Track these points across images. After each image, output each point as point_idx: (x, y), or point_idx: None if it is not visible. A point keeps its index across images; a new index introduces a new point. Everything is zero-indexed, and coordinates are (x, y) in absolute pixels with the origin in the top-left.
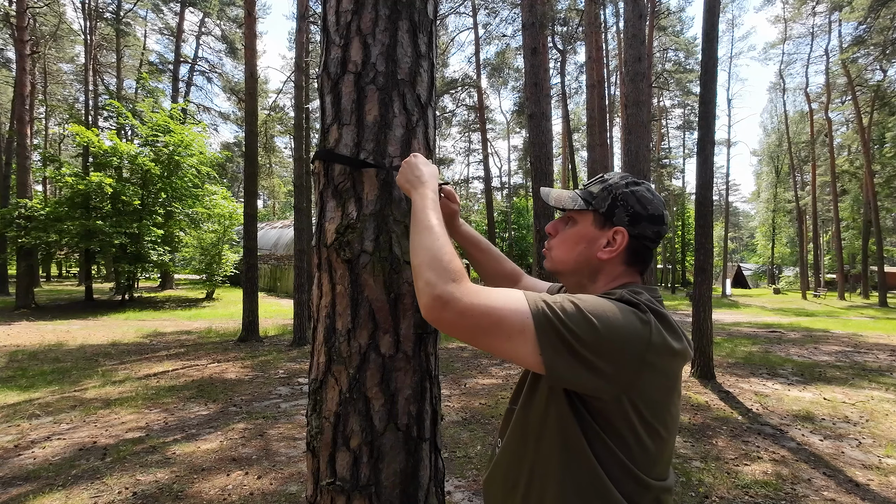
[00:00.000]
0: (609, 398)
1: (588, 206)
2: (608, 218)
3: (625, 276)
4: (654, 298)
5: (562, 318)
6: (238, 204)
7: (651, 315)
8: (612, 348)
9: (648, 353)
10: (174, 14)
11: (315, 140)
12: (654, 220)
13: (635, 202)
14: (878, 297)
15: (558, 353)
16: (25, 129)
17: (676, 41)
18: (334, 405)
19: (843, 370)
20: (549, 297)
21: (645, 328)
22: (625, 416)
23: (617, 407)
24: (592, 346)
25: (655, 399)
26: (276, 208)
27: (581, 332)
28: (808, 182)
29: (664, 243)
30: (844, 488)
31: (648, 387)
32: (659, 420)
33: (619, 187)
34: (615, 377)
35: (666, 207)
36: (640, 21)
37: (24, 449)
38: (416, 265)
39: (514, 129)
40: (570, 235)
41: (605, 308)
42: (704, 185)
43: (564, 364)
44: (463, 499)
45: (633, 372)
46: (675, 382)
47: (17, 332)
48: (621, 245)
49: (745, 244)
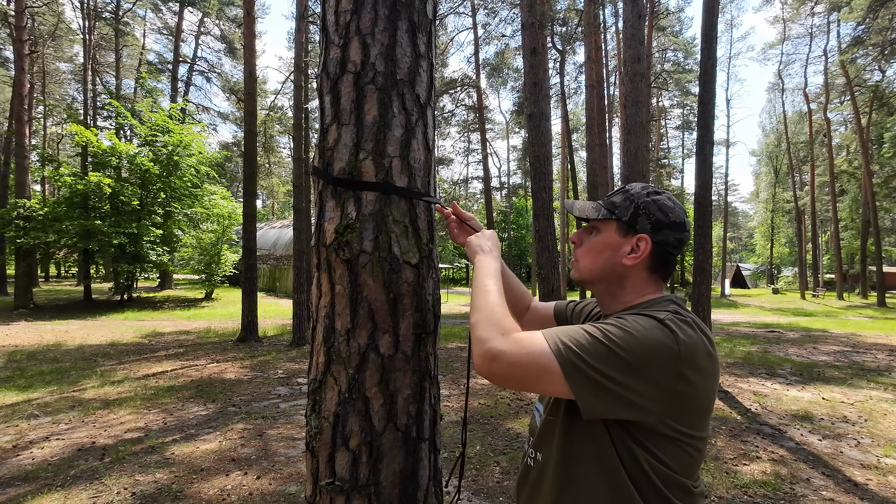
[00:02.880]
0: (653, 421)
1: (611, 215)
2: (631, 226)
3: (650, 282)
4: (686, 311)
5: (585, 358)
6: (237, 204)
7: (681, 334)
8: (644, 375)
9: (681, 366)
10: (173, 14)
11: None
12: (676, 227)
13: (657, 210)
14: (877, 297)
15: (590, 394)
16: (24, 128)
17: (675, 41)
18: (333, 405)
19: (841, 370)
20: (566, 333)
21: (672, 343)
22: (671, 431)
23: (663, 425)
24: (623, 380)
25: (696, 408)
26: (276, 208)
27: (609, 370)
28: (806, 182)
29: None
30: (843, 488)
31: (688, 399)
32: (699, 427)
33: (641, 196)
34: (652, 402)
35: (687, 215)
36: (639, 21)
37: (23, 449)
38: (472, 323)
39: (513, 129)
40: (596, 244)
41: (633, 327)
42: (703, 185)
43: (598, 402)
44: (462, 499)
45: (670, 391)
46: (714, 385)
47: (15, 333)
48: (645, 251)
49: (743, 244)
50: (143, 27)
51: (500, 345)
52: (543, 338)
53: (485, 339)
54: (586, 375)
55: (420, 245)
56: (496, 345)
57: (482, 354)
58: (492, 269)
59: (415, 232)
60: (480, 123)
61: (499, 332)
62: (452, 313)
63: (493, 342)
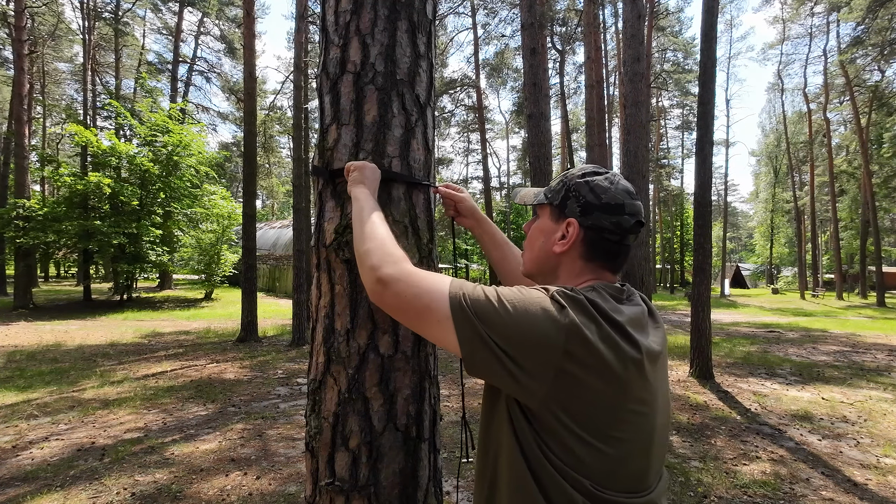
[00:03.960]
0: (534, 407)
1: (546, 199)
2: (561, 210)
3: (586, 271)
4: (601, 298)
5: (478, 304)
6: (237, 204)
7: (575, 317)
8: (525, 344)
9: (565, 360)
10: (173, 14)
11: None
12: (610, 209)
13: (588, 192)
14: (876, 297)
15: (473, 345)
16: (23, 128)
17: (675, 41)
18: (333, 405)
19: (841, 370)
20: (470, 284)
21: (560, 333)
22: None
23: (550, 414)
24: (504, 336)
25: (585, 411)
26: (275, 208)
27: (492, 321)
28: (806, 182)
29: (663, 243)
30: (843, 488)
31: (572, 398)
32: (593, 433)
33: (574, 178)
34: (532, 380)
35: (633, 197)
36: (638, 21)
37: (22, 449)
38: (359, 253)
39: (512, 130)
40: (532, 231)
41: (525, 300)
42: (703, 185)
43: (479, 357)
44: (462, 499)
45: (549, 379)
46: (617, 392)
47: (15, 333)
48: (573, 237)
49: (743, 244)
50: (142, 27)
51: (391, 271)
52: (448, 281)
53: (377, 265)
54: (471, 322)
55: (420, 245)
56: (388, 271)
57: (375, 280)
58: (373, 204)
59: (415, 232)
60: (480, 123)
61: (392, 260)
62: None
63: (384, 269)
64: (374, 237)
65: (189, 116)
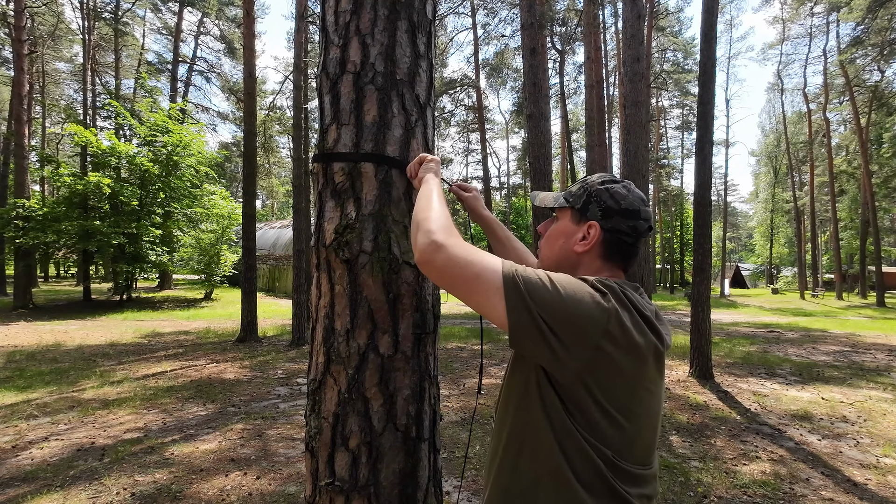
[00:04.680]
0: (566, 380)
1: (567, 203)
2: (583, 213)
3: (604, 270)
4: (630, 291)
5: (529, 282)
6: (236, 204)
7: (615, 304)
8: (570, 322)
9: (604, 340)
10: (173, 14)
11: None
12: (628, 214)
13: (608, 198)
14: (876, 297)
15: (520, 317)
16: (23, 128)
17: (675, 41)
18: (333, 405)
19: (840, 370)
20: (523, 266)
21: (603, 315)
22: (586, 399)
23: (583, 387)
24: (552, 313)
25: (614, 387)
26: (275, 208)
27: (543, 299)
28: (806, 182)
29: (663, 243)
30: (842, 488)
31: (604, 374)
32: (617, 408)
33: (595, 185)
34: (570, 355)
35: (646, 204)
36: (638, 21)
37: (22, 450)
38: (419, 219)
39: (512, 130)
40: (553, 232)
41: (574, 284)
42: (703, 185)
43: (524, 329)
44: (462, 499)
45: (587, 355)
46: (638, 372)
47: (14, 333)
48: (594, 238)
49: (743, 244)
50: (142, 27)
51: (448, 237)
52: (500, 260)
53: (435, 230)
54: (522, 297)
55: None
56: (444, 236)
57: (430, 242)
58: (441, 192)
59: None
60: (480, 123)
61: (450, 230)
62: (452, 313)
63: (442, 234)
64: (439, 211)
65: (189, 116)
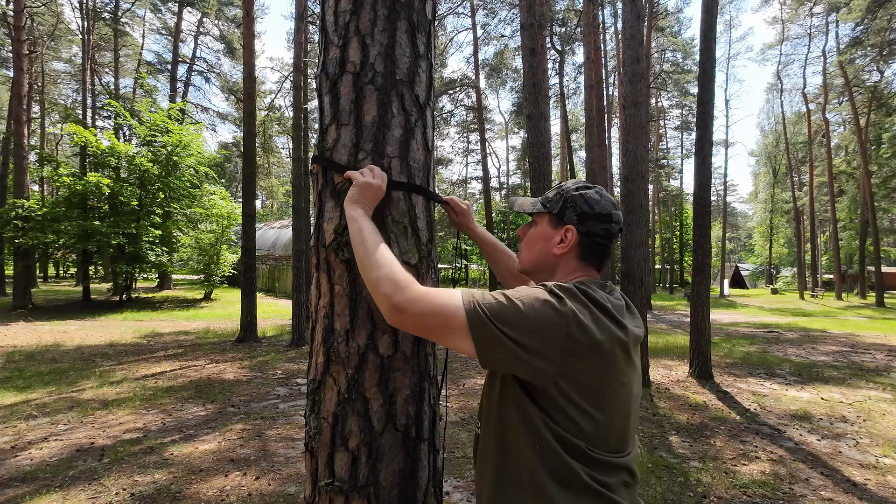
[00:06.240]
0: (543, 384)
1: (544, 208)
2: (560, 218)
3: (579, 270)
4: (593, 288)
5: (490, 306)
6: (236, 204)
7: (571, 305)
8: (534, 331)
9: (567, 341)
10: (172, 14)
11: (313, 140)
12: (602, 218)
13: (583, 203)
14: (875, 297)
15: (487, 340)
16: (23, 128)
17: (674, 42)
18: (333, 405)
19: (840, 370)
20: (480, 291)
21: (562, 319)
22: (559, 399)
23: (555, 388)
24: (516, 328)
25: (584, 384)
26: (275, 208)
27: (505, 317)
28: (805, 182)
29: (662, 244)
30: (842, 488)
31: (574, 373)
32: (590, 402)
33: (570, 191)
34: (540, 361)
35: (617, 208)
36: (638, 22)
37: (21, 450)
38: (368, 278)
39: (512, 130)
40: (532, 236)
41: (530, 296)
42: (702, 185)
43: (493, 350)
44: (462, 499)
45: (555, 357)
46: (608, 366)
47: (14, 333)
48: (571, 241)
49: (742, 244)
50: (142, 27)
51: (405, 297)
52: (460, 294)
53: (390, 293)
54: (485, 324)
55: (419, 245)
56: (402, 297)
57: (392, 308)
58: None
59: (414, 232)
60: (479, 124)
61: (403, 285)
62: None
63: (398, 296)
64: (381, 264)
65: (188, 117)
